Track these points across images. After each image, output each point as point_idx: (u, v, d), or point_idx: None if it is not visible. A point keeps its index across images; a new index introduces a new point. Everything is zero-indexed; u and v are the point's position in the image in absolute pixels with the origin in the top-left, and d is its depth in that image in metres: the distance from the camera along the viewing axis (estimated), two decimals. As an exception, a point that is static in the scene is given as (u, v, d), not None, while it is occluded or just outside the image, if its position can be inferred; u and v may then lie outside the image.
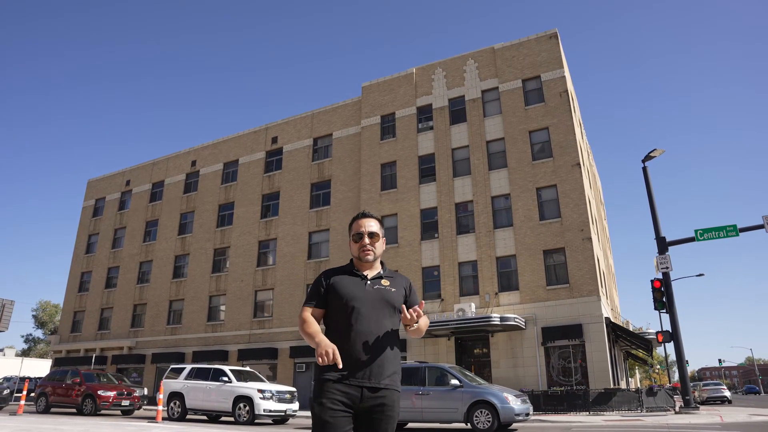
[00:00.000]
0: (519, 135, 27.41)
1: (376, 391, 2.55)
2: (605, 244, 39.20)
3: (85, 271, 41.67)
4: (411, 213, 28.74)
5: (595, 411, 19.67)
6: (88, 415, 17.98)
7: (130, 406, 19.19)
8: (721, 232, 18.32)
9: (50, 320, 78.77)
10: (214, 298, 34.37)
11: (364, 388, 2.53)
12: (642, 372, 65.12)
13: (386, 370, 2.59)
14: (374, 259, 2.82)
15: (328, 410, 2.47)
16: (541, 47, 28.32)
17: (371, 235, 2.81)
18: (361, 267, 2.82)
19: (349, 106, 34.04)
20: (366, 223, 2.83)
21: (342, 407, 2.49)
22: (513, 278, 25.31)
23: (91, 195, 44.51)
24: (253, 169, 36.18)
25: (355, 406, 2.53)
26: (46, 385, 20.05)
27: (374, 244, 2.81)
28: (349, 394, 2.51)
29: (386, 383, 2.58)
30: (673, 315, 18.01)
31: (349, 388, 2.51)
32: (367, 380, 2.53)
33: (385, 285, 2.76)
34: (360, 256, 2.80)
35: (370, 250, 2.79)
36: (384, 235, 2.92)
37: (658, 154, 20.06)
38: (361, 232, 2.81)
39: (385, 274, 2.84)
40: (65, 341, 39.91)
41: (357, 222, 2.86)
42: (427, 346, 25.96)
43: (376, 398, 2.54)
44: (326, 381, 2.53)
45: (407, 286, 2.87)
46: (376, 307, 2.66)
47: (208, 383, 16.66)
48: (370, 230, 2.81)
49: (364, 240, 2.79)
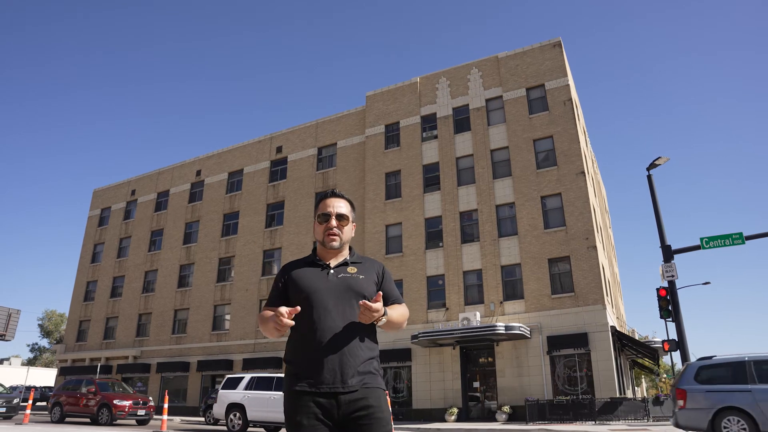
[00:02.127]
0: (523, 143, 27.46)
1: (353, 393, 2.19)
2: (610, 252, 39.09)
3: (91, 281, 41.84)
4: (415, 222, 28.78)
5: (601, 420, 19.55)
6: (104, 425, 17.74)
7: (146, 415, 18.85)
8: (726, 240, 18.23)
9: (56, 329, 79.01)
10: (219, 307, 34.42)
11: (339, 395, 2.18)
12: (648, 381, 64.59)
13: (360, 368, 2.23)
14: (340, 246, 2.42)
15: (306, 428, 2.14)
16: (545, 56, 28.44)
17: (339, 217, 2.42)
18: (325, 255, 2.44)
19: (354, 115, 34.21)
20: (334, 203, 2.44)
21: (319, 423, 2.16)
22: (518, 287, 25.26)
23: (97, 204, 44.78)
24: (258, 179, 36.34)
25: (333, 417, 2.18)
26: (61, 394, 19.73)
27: (342, 228, 2.42)
28: (323, 405, 2.17)
29: (365, 382, 2.22)
30: (679, 323, 17.91)
31: (321, 397, 2.17)
32: (339, 384, 2.18)
33: (351, 273, 2.37)
34: (324, 241, 2.40)
35: (336, 234, 2.40)
36: (354, 220, 2.52)
37: (663, 162, 20.03)
38: (327, 212, 2.42)
39: (353, 259, 2.44)
40: (70, 350, 39.99)
41: (324, 201, 2.46)
42: (432, 355, 25.89)
43: (356, 402, 2.18)
44: (298, 393, 2.20)
45: (380, 272, 2.46)
46: (342, 298, 2.29)
47: (272, 393, 15.49)
48: (338, 211, 2.42)
49: (330, 222, 2.40)
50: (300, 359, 2.26)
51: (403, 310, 2.44)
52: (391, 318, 2.30)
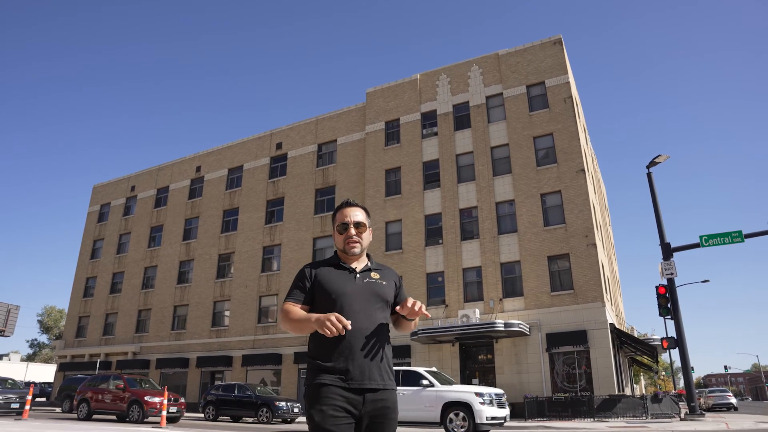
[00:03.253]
0: (523, 141, 27.44)
1: (377, 392, 2.35)
2: (610, 250, 39.11)
3: (90, 277, 41.83)
4: (415, 219, 28.78)
5: (600, 417, 19.59)
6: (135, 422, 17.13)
7: (177, 413, 18.05)
8: (726, 238, 18.27)
9: (55, 325, 79.04)
10: (218, 303, 34.43)
11: (365, 392, 2.32)
12: (647, 378, 64.78)
13: (384, 368, 2.40)
14: (361, 252, 2.59)
15: (330, 418, 2.24)
16: (546, 53, 28.40)
17: (357, 225, 2.58)
18: (347, 260, 2.59)
19: (354, 112, 34.17)
20: (351, 212, 2.61)
21: (344, 414, 2.27)
22: (517, 284, 25.29)
23: (97, 200, 44.73)
24: (258, 175, 36.31)
25: (358, 412, 2.31)
26: (87, 390, 18.95)
27: (360, 235, 2.59)
28: (350, 399, 2.29)
29: (386, 383, 2.39)
30: (678, 321, 17.94)
31: (349, 392, 2.30)
32: (367, 381, 2.32)
33: (375, 278, 2.55)
34: (345, 249, 2.57)
35: (356, 241, 2.57)
36: (370, 225, 2.69)
37: (663, 159, 20.05)
38: (346, 222, 2.58)
39: (374, 266, 2.63)
40: (70, 346, 40.01)
41: (341, 212, 2.63)
42: (431, 352, 25.93)
43: (378, 401, 2.34)
44: (324, 385, 2.30)
45: (397, 280, 2.67)
46: (369, 301, 2.45)
47: (402, 389, 13.79)
48: (356, 220, 2.59)
49: (349, 231, 2.57)
50: (329, 356, 2.37)
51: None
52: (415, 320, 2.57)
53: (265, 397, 20.58)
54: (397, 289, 2.63)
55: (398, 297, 2.62)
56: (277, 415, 19.81)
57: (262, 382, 30.22)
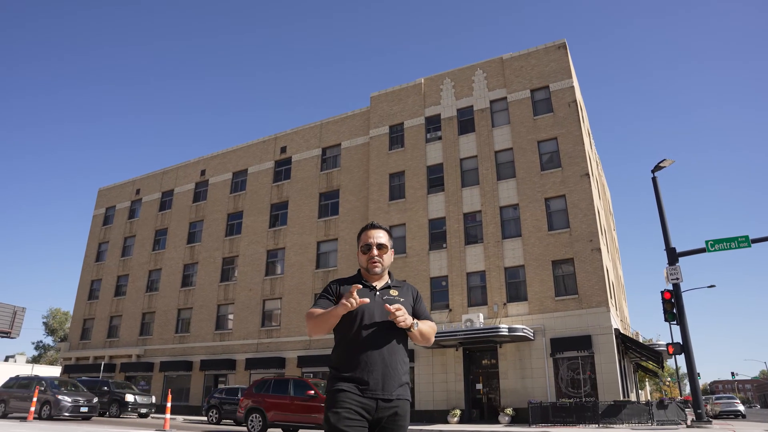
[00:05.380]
0: (527, 145, 27.38)
1: (390, 401, 2.56)
2: (614, 254, 38.94)
3: (95, 279, 41.97)
4: (419, 223, 28.74)
5: (605, 424, 19.44)
6: None
7: None
8: (732, 243, 18.14)
9: (60, 327, 79.31)
10: (222, 306, 34.46)
11: (378, 400, 2.54)
12: (652, 384, 64.29)
13: (398, 380, 2.61)
14: (382, 271, 2.82)
15: (345, 419, 2.46)
16: (550, 57, 28.36)
17: (380, 247, 2.81)
18: (370, 278, 2.83)
19: (358, 116, 34.21)
20: (374, 234, 2.83)
21: (358, 417, 2.49)
22: (521, 289, 25.18)
23: (102, 203, 44.93)
24: (262, 179, 36.38)
25: (371, 417, 2.53)
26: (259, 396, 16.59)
27: (382, 256, 2.81)
28: (365, 405, 2.51)
29: (399, 394, 2.60)
30: (683, 326, 17.81)
31: (364, 399, 2.52)
32: (380, 391, 2.54)
33: (393, 295, 2.77)
34: (368, 268, 2.80)
35: (378, 261, 2.79)
36: (393, 246, 2.91)
37: (668, 164, 19.95)
38: (369, 243, 2.81)
39: (394, 284, 2.85)
40: (75, 348, 40.12)
41: (366, 233, 2.86)
42: (435, 357, 25.85)
43: (390, 408, 2.56)
44: (341, 391, 2.53)
45: (415, 295, 2.88)
46: (386, 316, 2.65)
47: None
48: (378, 242, 2.81)
49: (372, 251, 2.79)
50: (347, 367, 2.60)
51: (432, 324, 2.84)
52: (421, 329, 2.69)
53: (268, 401, 20.50)
54: (414, 303, 2.84)
55: (416, 310, 2.83)
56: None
57: (266, 385, 30.14)
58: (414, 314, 2.80)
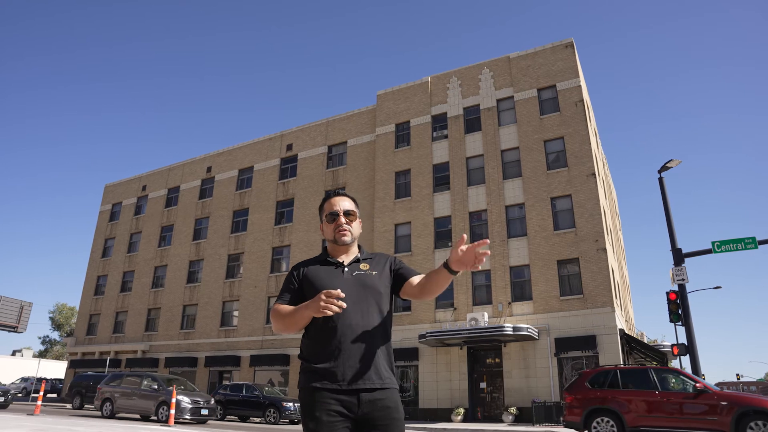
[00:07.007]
0: (534, 144, 27.34)
1: (374, 392, 2.22)
2: (620, 255, 38.82)
3: (101, 275, 42.21)
4: (425, 221, 28.75)
5: (609, 424, 19.38)
6: None
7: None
8: (739, 244, 18.03)
9: (66, 322, 79.78)
10: (227, 303, 34.60)
11: (360, 392, 2.20)
12: (657, 385, 64.09)
13: (381, 367, 2.26)
14: (351, 241, 2.48)
15: (326, 425, 2.14)
16: (557, 56, 28.28)
17: (347, 214, 2.48)
18: (336, 252, 2.49)
19: (364, 114, 34.23)
20: (339, 201, 2.51)
21: (340, 418, 2.16)
22: (526, 288, 25.17)
23: (108, 200, 45.15)
24: (268, 176, 36.47)
25: (354, 415, 2.19)
26: None
27: (351, 224, 2.49)
28: (344, 402, 2.18)
29: (383, 382, 2.24)
30: (689, 327, 17.74)
31: (343, 394, 2.19)
32: (362, 382, 2.20)
33: (364, 269, 2.42)
34: (336, 238, 2.45)
35: (346, 230, 2.46)
36: (360, 216, 2.59)
37: (675, 164, 19.86)
38: (335, 211, 2.47)
39: (363, 256, 2.49)
40: (80, 344, 40.38)
41: (329, 201, 2.53)
42: (439, 355, 25.87)
43: (376, 401, 2.21)
44: (318, 390, 2.20)
45: (391, 260, 2.52)
46: (360, 296, 2.32)
47: None
48: (345, 209, 2.48)
49: (339, 219, 2.46)
50: (320, 357, 2.26)
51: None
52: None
53: (272, 398, 20.68)
54: (393, 271, 2.48)
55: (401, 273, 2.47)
56: (284, 416, 19.89)
57: (270, 382, 30.29)
58: (403, 277, 2.44)
